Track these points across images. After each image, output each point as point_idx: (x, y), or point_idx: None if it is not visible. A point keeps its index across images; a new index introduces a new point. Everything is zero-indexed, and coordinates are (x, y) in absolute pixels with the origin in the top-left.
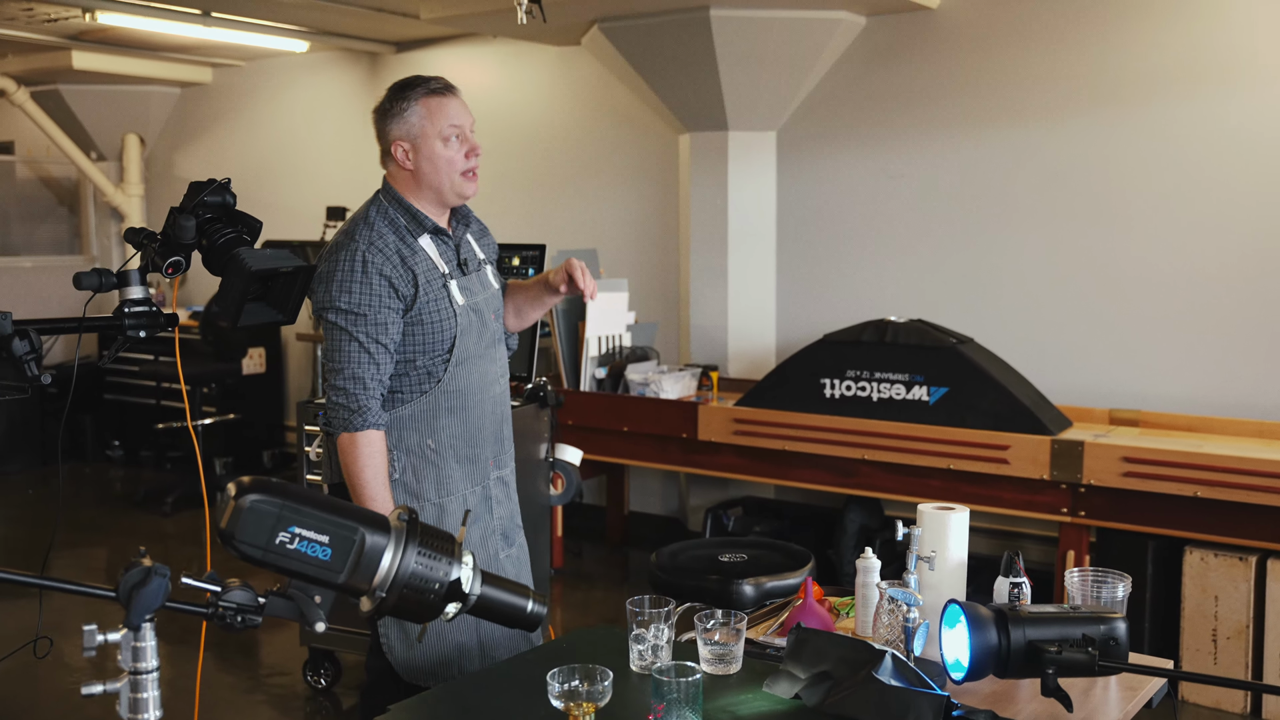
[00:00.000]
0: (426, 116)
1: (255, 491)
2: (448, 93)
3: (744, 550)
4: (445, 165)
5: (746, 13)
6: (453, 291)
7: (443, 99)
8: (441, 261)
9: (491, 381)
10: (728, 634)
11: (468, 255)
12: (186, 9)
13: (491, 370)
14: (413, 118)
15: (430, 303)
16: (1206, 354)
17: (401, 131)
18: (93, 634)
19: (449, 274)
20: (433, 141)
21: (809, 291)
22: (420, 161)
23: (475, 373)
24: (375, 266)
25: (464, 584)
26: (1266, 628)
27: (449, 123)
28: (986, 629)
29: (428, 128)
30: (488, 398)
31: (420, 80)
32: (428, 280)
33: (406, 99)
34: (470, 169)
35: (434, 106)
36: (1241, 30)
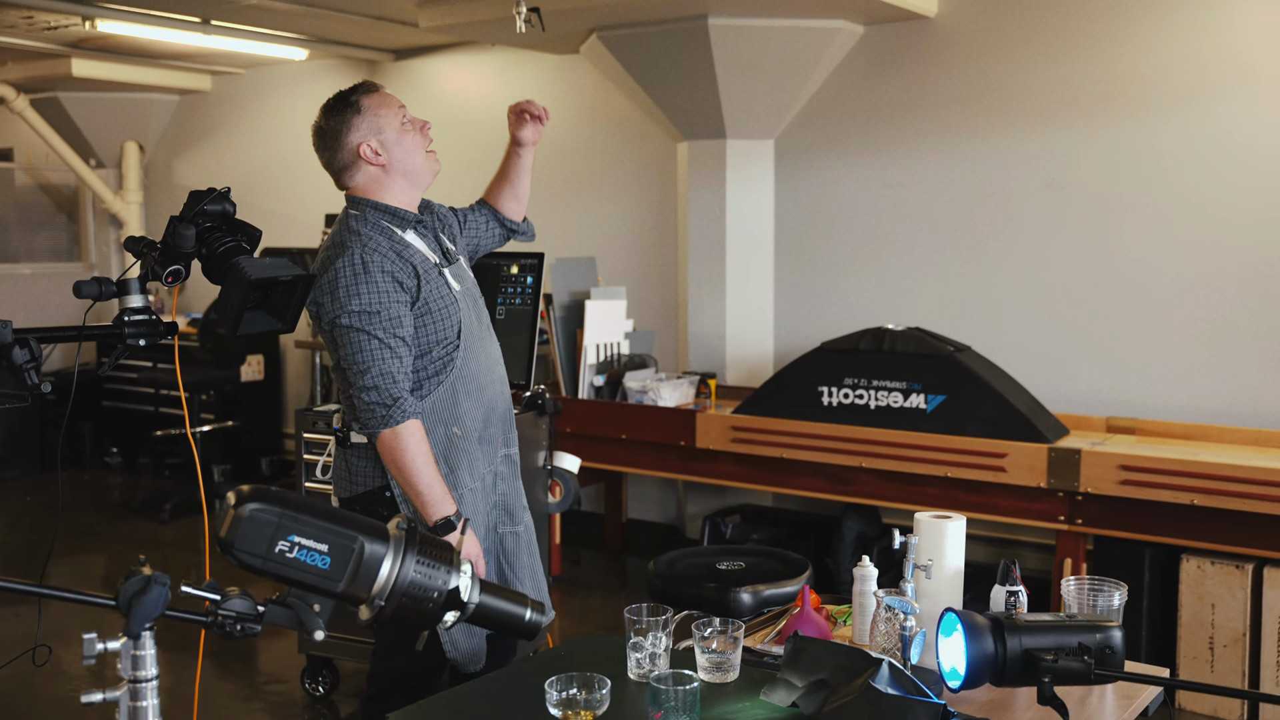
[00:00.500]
0: (381, 110)
1: (254, 500)
2: (382, 88)
3: (742, 558)
4: (414, 146)
5: (744, 21)
6: (449, 278)
7: (382, 94)
8: (430, 252)
9: (495, 362)
10: (725, 642)
11: (447, 245)
12: (186, 17)
13: (494, 350)
14: (369, 116)
15: (433, 292)
16: (1203, 362)
17: (364, 132)
18: (92, 642)
19: (440, 263)
20: (396, 129)
21: (807, 299)
22: (392, 150)
23: (482, 354)
24: (377, 265)
25: (462, 592)
26: (1263, 636)
27: (400, 109)
28: (983, 637)
29: (387, 118)
30: (495, 377)
31: (350, 90)
32: (425, 271)
33: (353, 106)
34: (431, 148)
35: (381, 100)
36: (1238, 40)
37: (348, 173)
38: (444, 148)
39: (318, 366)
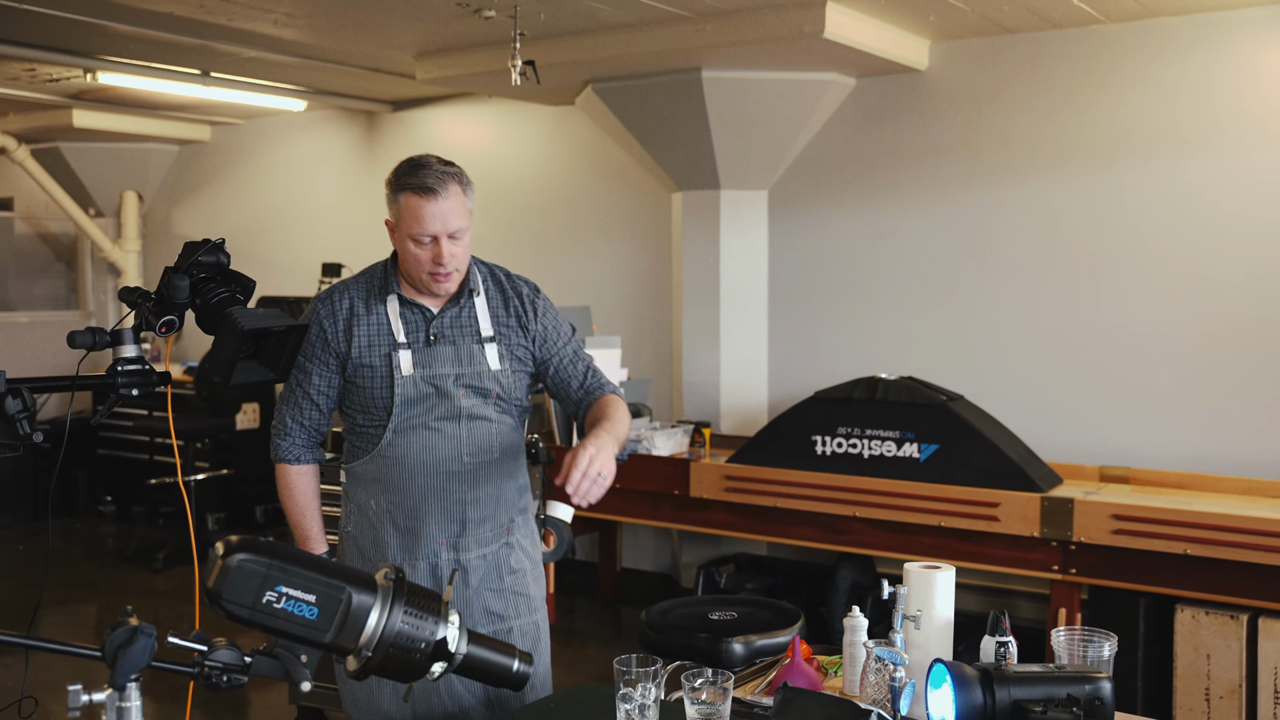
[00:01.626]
0: (403, 213)
1: (243, 551)
2: (428, 195)
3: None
4: (413, 262)
5: (738, 74)
6: (399, 361)
7: (422, 202)
8: (400, 329)
9: (445, 458)
10: (715, 693)
11: (449, 329)
12: (186, 69)
13: (444, 446)
14: (394, 206)
15: (364, 366)
16: (1196, 412)
17: (390, 213)
18: (78, 694)
19: (404, 343)
20: (404, 237)
21: (800, 349)
22: (399, 249)
23: (419, 444)
24: (318, 316)
25: (450, 643)
26: (1259, 687)
27: (420, 229)
28: (972, 689)
29: (402, 223)
30: (437, 473)
31: (417, 168)
32: (369, 344)
33: (397, 186)
34: (436, 273)
35: (411, 207)
36: (1227, 94)
37: None
38: None
39: None
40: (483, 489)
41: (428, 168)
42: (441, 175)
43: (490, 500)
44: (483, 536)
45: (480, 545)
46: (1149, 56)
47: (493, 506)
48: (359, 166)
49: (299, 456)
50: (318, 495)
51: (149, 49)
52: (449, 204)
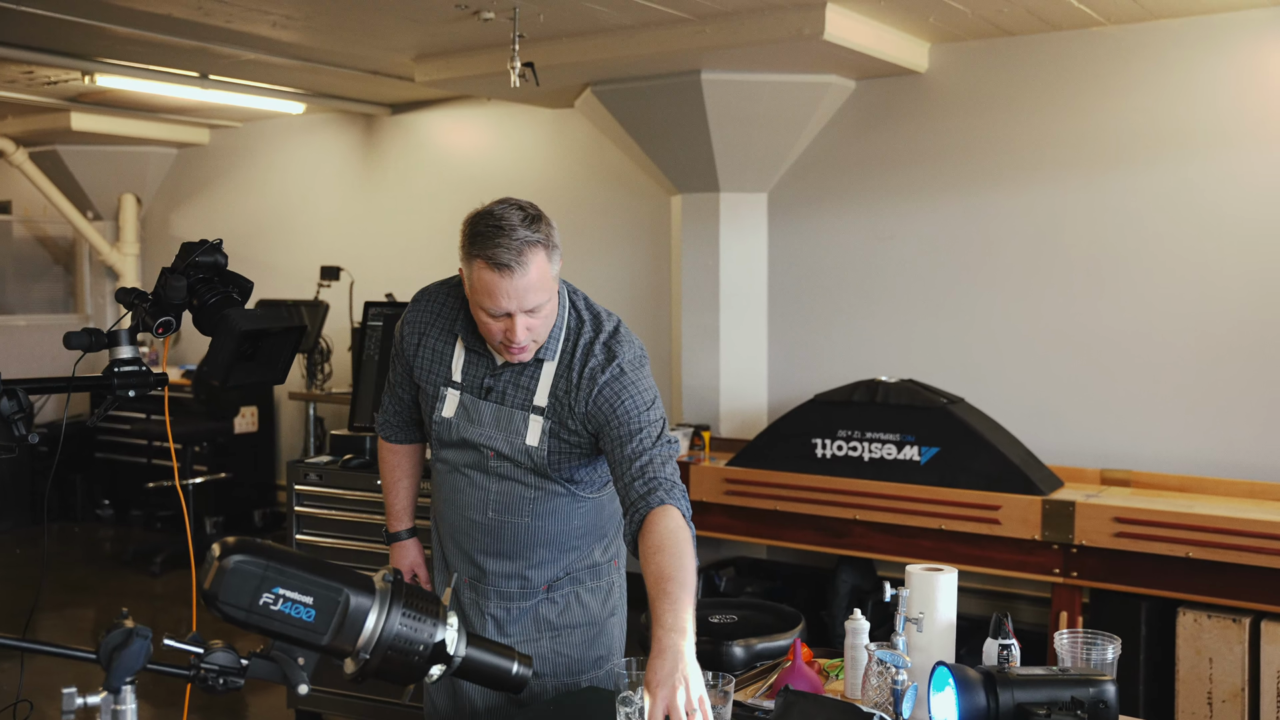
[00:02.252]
0: (476, 282)
1: (239, 552)
2: (504, 271)
3: (735, 611)
4: (483, 330)
5: (737, 76)
6: (444, 400)
7: (496, 277)
8: (459, 367)
9: (469, 505)
10: (716, 696)
11: (504, 387)
12: (185, 72)
13: (470, 494)
14: (469, 270)
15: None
16: (1198, 414)
17: (463, 267)
18: (72, 697)
19: (457, 382)
20: (476, 306)
21: (800, 351)
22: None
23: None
24: (406, 319)
25: (449, 646)
26: (1262, 691)
27: (491, 305)
28: (975, 691)
29: (474, 293)
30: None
31: (495, 234)
32: (428, 369)
33: (471, 248)
34: (509, 346)
35: (484, 281)
36: (1235, 95)
37: None
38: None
39: (311, 418)
40: (508, 546)
41: (507, 233)
42: (521, 247)
43: (518, 559)
44: (507, 592)
45: (503, 600)
46: (1149, 59)
47: (520, 565)
48: (358, 170)
49: (393, 435)
50: (410, 474)
51: (147, 51)
52: (527, 280)
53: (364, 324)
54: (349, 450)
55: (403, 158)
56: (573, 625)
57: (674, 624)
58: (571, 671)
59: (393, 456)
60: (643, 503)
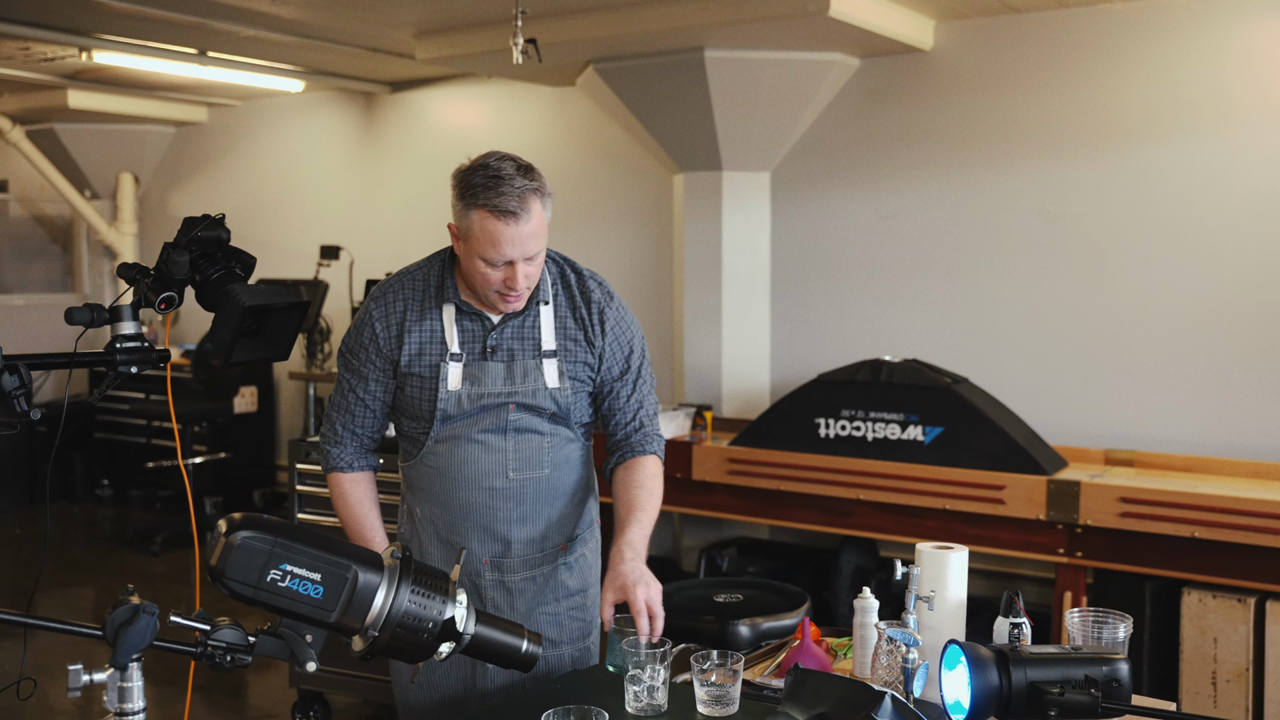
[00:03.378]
0: (474, 232)
1: (247, 528)
2: (508, 219)
3: (740, 590)
4: (480, 280)
5: (741, 54)
6: (446, 373)
7: (500, 225)
8: (454, 338)
9: (487, 473)
10: (724, 675)
11: (508, 341)
12: (183, 49)
13: (488, 459)
14: (466, 222)
15: (416, 374)
16: (1202, 394)
17: (456, 221)
18: (78, 674)
19: (456, 354)
20: (474, 258)
21: (803, 331)
22: (463, 260)
23: (460, 459)
24: (370, 317)
25: (458, 623)
26: (1266, 671)
27: (495, 254)
28: (987, 670)
29: (472, 243)
30: (479, 488)
31: (495, 182)
32: (419, 351)
33: (469, 199)
34: (507, 295)
35: (487, 230)
36: (1233, 72)
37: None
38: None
39: (311, 398)
40: (530, 507)
41: (507, 181)
42: (522, 193)
43: (540, 519)
44: (530, 558)
45: (528, 567)
46: (1156, 36)
47: (543, 526)
48: (357, 148)
49: (351, 464)
50: (376, 503)
51: (145, 27)
52: (529, 226)
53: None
54: None
55: (403, 136)
56: (585, 588)
57: (641, 545)
58: (584, 635)
59: (355, 488)
60: (638, 446)
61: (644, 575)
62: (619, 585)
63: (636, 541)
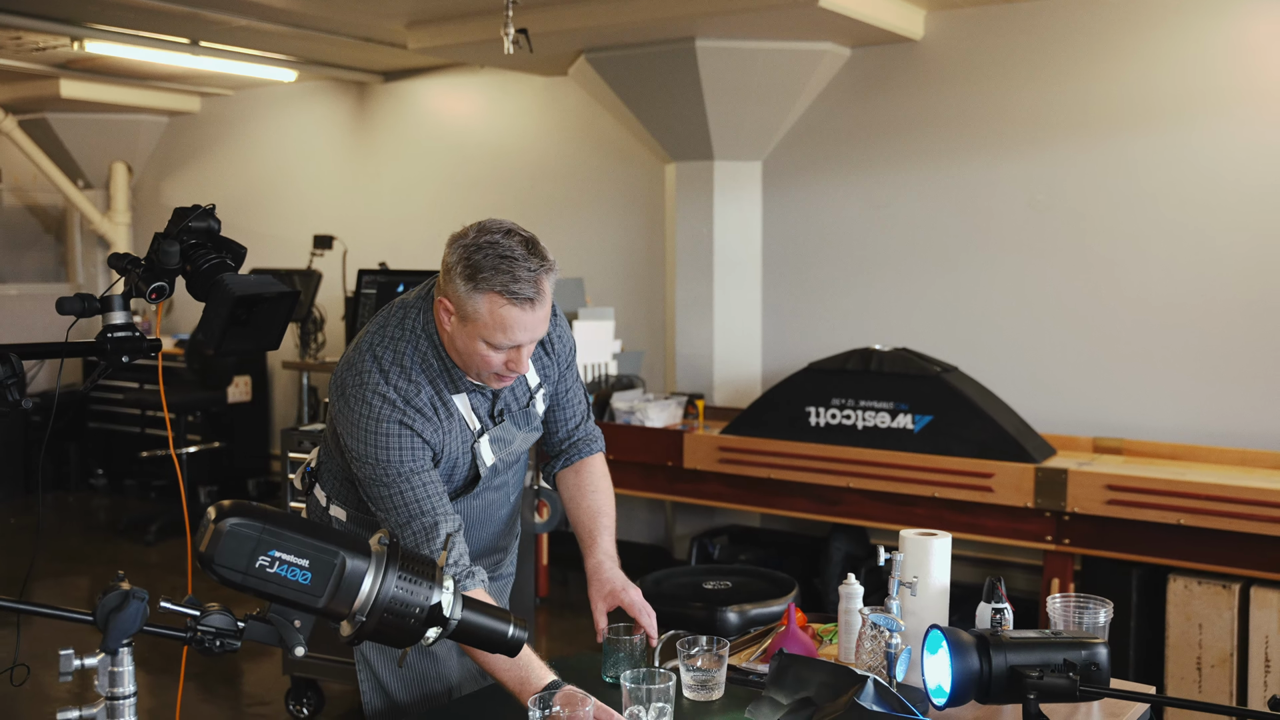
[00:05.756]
0: (486, 317)
1: (235, 515)
2: (525, 305)
3: (728, 578)
4: (479, 363)
5: (732, 44)
6: (481, 452)
7: (516, 312)
8: (473, 416)
9: (498, 506)
10: (710, 660)
11: (509, 399)
12: (175, 38)
13: (499, 497)
14: (472, 305)
15: (446, 466)
16: (1190, 383)
17: (456, 302)
18: (69, 659)
19: (480, 430)
20: (475, 339)
21: (794, 320)
22: (456, 339)
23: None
24: (414, 428)
25: (445, 608)
26: (1250, 656)
27: (504, 339)
28: (968, 654)
29: (479, 327)
30: (490, 522)
31: (506, 265)
32: (453, 444)
33: (480, 281)
34: (504, 376)
35: (499, 316)
36: (1221, 62)
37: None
38: (431, 169)
39: (305, 387)
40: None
41: (521, 264)
42: (537, 276)
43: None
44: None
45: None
46: (1146, 24)
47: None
48: (350, 138)
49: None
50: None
51: (137, 17)
52: (543, 311)
53: (358, 292)
54: None
55: (395, 126)
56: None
57: (614, 552)
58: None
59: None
60: (583, 446)
61: (626, 580)
62: (608, 592)
63: (611, 550)
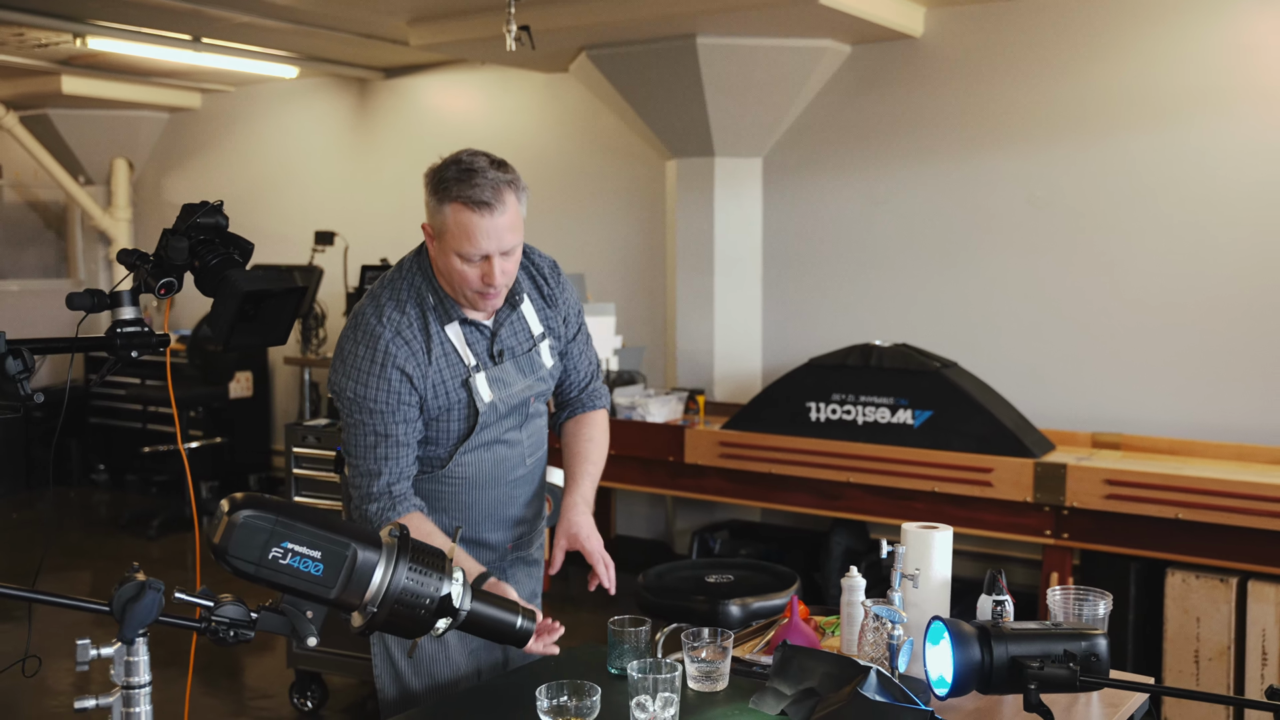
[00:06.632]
0: (449, 227)
1: (249, 507)
2: (482, 210)
3: (730, 571)
4: (458, 279)
5: (732, 41)
6: (477, 388)
7: (474, 218)
8: (468, 351)
9: (511, 466)
10: (715, 651)
11: (509, 340)
12: (177, 35)
13: (512, 454)
14: (440, 218)
15: (441, 404)
16: (1188, 378)
17: (430, 219)
18: (86, 648)
19: (474, 365)
20: (448, 252)
21: (794, 316)
22: (438, 260)
23: (489, 461)
24: (394, 359)
25: (454, 599)
26: (1247, 649)
27: (470, 248)
28: (970, 645)
29: (448, 239)
30: (504, 482)
31: (467, 175)
32: (444, 378)
33: (441, 193)
34: (485, 293)
35: (461, 224)
36: (1220, 61)
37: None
38: None
39: (307, 383)
40: (538, 484)
41: (480, 174)
42: (496, 185)
43: (541, 492)
44: (539, 527)
45: (539, 534)
46: (1146, 22)
47: (543, 497)
48: (351, 134)
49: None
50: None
51: (139, 13)
52: (504, 218)
53: (360, 288)
54: None
55: (396, 122)
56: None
57: (591, 498)
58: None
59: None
60: (588, 401)
61: (593, 529)
62: (572, 534)
63: (589, 494)
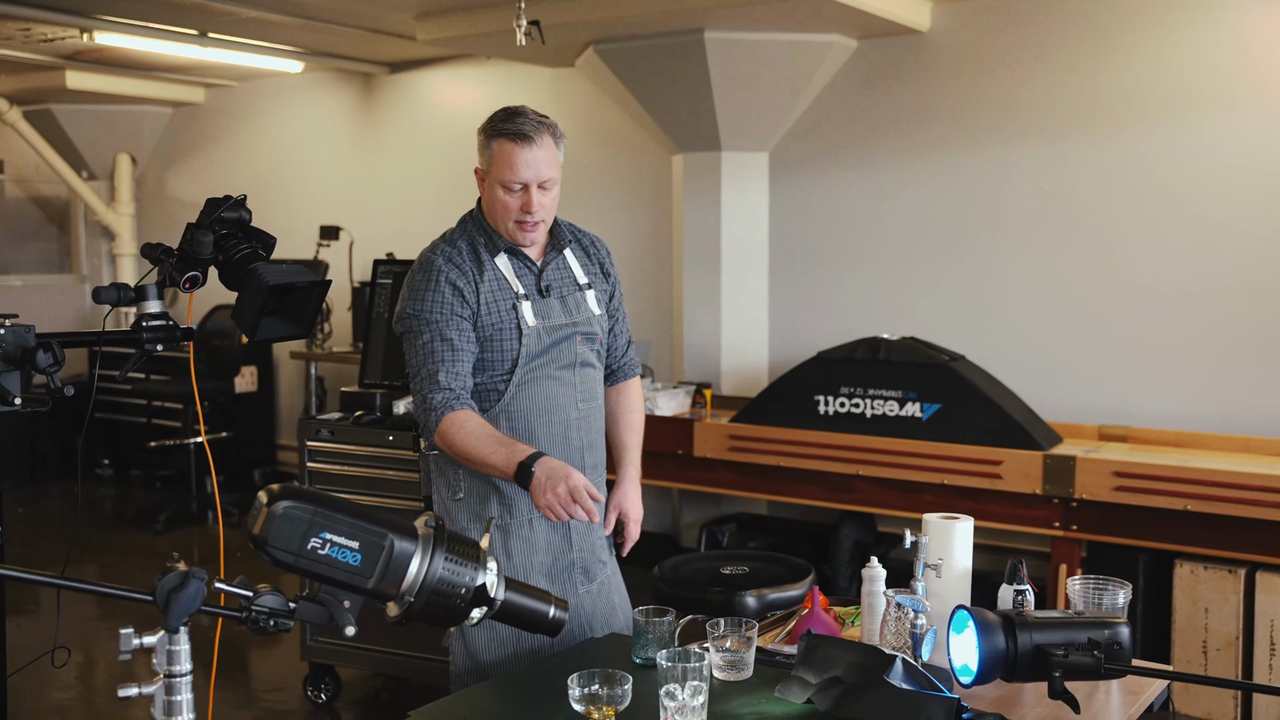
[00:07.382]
0: (495, 159)
1: (287, 498)
2: (523, 142)
3: (745, 563)
4: (501, 210)
5: (740, 35)
6: (523, 313)
7: (516, 149)
8: (517, 281)
9: (564, 406)
10: (739, 641)
11: (555, 279)
12: (184, 30)
13: (564, 394)
14: (486, 153)
15: (494, 323)
16: (1195, 370)
17: (481, 160)
18: (129, 637)
19: (522, 294)
20: (494, 184)
21: (801, 310)
22: (485, 196)
23: (542, 395)
24: (445, 275)
25: (489, 589)
26: (1255, 639)
27: (512, 176)
28: (995, 634)
29: (494, 170)
30: (557, 421)
31: (512, 116)
32: (495, 299)
33: (492, 132)
34: (522, 221)
35: (505, 154)
36: (1228, 54)
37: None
38: (437, 161)
39: (312, 377)
40: (594, 434)
41: (524, 116)
42: (537, 124)
43: (599, 445)
44: (595, 481)
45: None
46: (1153, 16)
47: (600, 451)
48: (356, 129)
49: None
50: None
51: (146, 8)
52: (542, 153)
53: (373, 282)
54: (359, 407)
55: (401, 117)
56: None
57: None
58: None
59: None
60: (626, 370)
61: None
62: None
63: (638, 461)
